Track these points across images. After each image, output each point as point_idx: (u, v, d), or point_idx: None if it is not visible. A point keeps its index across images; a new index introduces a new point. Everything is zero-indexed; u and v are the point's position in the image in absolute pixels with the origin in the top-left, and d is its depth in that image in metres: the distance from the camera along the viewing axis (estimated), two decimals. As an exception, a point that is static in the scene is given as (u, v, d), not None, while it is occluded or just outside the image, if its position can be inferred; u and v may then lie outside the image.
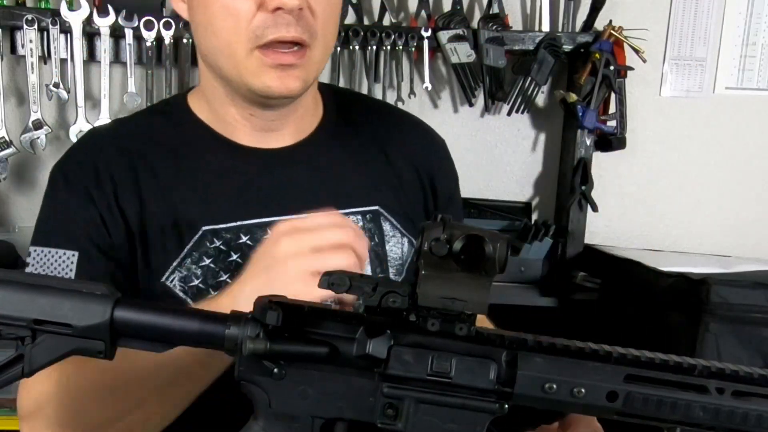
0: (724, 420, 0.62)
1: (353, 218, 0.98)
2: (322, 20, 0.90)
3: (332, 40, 0.96)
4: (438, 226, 0.59)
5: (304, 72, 0.91)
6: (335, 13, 0.94)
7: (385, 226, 1.01)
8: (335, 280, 0.61)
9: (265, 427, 0.63)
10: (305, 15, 0.89)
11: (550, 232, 2.08)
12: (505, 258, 0.59)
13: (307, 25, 0.89)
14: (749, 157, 2.29)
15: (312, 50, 0.90)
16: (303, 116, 1.01)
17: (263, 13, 0.87)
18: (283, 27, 0.87)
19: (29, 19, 1.80)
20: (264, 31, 0.88)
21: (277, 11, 0.87)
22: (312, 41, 0.90)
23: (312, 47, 0.90)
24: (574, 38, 2.08)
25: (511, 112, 2.10)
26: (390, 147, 1.04)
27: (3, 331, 0.61)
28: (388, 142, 1.05)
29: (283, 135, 0.99)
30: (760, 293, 1.63)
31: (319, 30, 0.90)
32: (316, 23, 0.90)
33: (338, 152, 1.02)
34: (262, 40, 0.88)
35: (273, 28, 0.87)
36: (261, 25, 0.87)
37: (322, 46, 0.92)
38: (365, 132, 1.05)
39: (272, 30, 0.87)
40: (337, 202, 0.96)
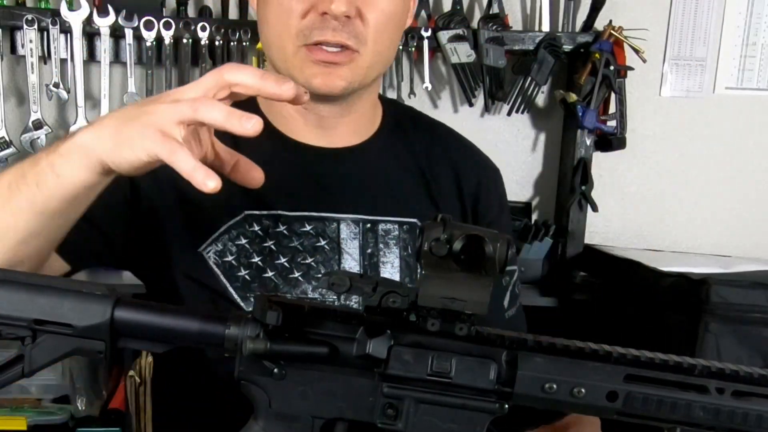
0: (724, 420, 0.62)
1: (389, 226, 0.99)
2: (374, 28, 0.93)
3: (387, 50, 0.98)
4: (438, 226, 0.59)
5: (348, 73, 0.93)
6: (391, 24, 0.96)
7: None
8: (335, 280, 0.61)
9: (265, 427, 0.63)
10: (354, 22, 0.92)
11: (550, 232, 2.08)
12: (505, 258, 0.59)
13: (354, 31, 0.92)
14: (749, 157, 2.29)
15: (360, 54, 0.93)
16: (358, 120, 1.03)
17: (313, 14, 0.91)
18: (328, 31, 0.91)
19: (29, 19, 1.80)
20: (311, 32, 0.91)
21: (325, 15, 0.90)
22: (360, 47, 0.92)
23: (360, 52, 0.93)
24: (574, 38, 2.08)
25: (511, 112, 2.10)
26: (436, 164, 1.06)
27: (3, 331, 0.62)
28: (437, 160, 1.07)
29: (338, 135, 1.01)
30: (760, 293, 1.63)
31: (370, 38, 0.93)
32: (366, 31, 0.92)
33: (386, 161, 1.04)
34: (308, 40, 0.92)
35: (319, 30, 0.91)
36: (309, 26, 0.91)
37: (373, 52, 0.94)
38: (416, 147, 1.07)
39: (318, 32, 0.91)
40: (376, 207, 0.99)
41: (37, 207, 0.74)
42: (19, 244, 0.76)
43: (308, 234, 0.96)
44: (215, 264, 0.95)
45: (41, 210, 0.74)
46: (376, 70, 0.98)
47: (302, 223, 0.96)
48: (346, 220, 0.98)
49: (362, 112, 1.02)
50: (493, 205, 1.09)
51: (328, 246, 0.97)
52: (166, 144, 0.67)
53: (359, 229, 0.98)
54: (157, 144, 0.67)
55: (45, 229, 0.76)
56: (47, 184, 0.73)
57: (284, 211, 0.96)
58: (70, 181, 0.72)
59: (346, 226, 0.98)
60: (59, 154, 0.73)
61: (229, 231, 0.95)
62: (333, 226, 0.97)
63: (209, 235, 0.95)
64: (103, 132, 0.71)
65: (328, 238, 0.97)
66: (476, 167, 1.10)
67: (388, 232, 0.99)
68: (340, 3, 0.89)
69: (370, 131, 1.04)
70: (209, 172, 0.66)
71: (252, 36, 1.92)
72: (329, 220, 0.97)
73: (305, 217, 0.97)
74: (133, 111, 0.71)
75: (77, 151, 0.72)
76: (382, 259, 0.98)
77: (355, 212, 0.98)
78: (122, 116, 0.72)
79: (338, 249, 0.97)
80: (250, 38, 1.92)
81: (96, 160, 0.71)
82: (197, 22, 1.89)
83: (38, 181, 0.74)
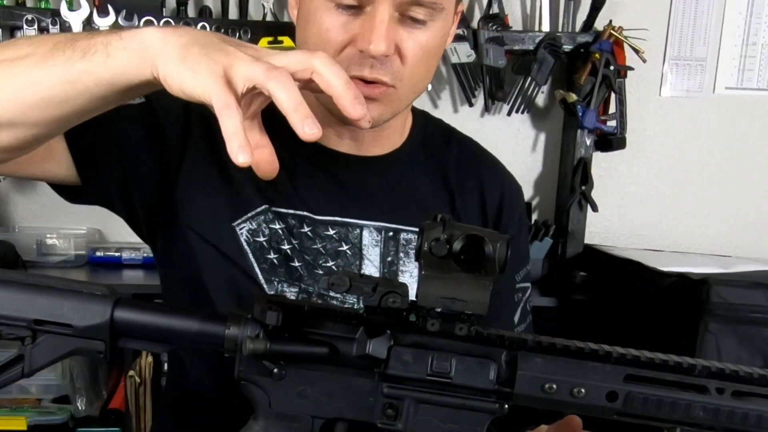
0: (724, 420, 0.62)
1: (411, 236, 0.99)
2: (412, 66, 0.90)
3: (421, 83, 0.96)
4: (438, 226, 0.59)
5: (382, 107, 0.91)
6: (430, 59, 0.94)
7: None
8: (335, 280, 0.61)
9: (265, 427, 0.63)
10: (392, 60, 0.89)
11: (550, 232, 2.08)
12: (505, 258, 0.59)
13: (392, 69, 0.89)
14: (749, 157, 2.29)
15: (396, 90, 0.91)
16: (389, 132, 1.02)
17: (351, 48, 0.88)
18: (366, 68, 0.88)
19: (29, 19, 1.80)
20: (348, 66, 0.88)
21: (363, 52, 0.88)
22: (397, 83, 0.90)
23: (397, 88, 0.91)
24: (574, 38, 2.08)
25: (511, 112, 2.10)
26: (463, 177, 1.06)
27: (3, 331, 0.62)
28: (463, 175, 1.06)
29: (365, 145, 1.01)
30: (759, 293, 1.63)
31: (407, 74, 0.91)
32: (404, 68, 0.90)
33: (412, 172, 1.04)
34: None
35: (357, 66, 0.88)
36: (346, 59, 0.88)
37: (408, 88, 0.92)
38: (443, 161, 1.06)
39: (355, 68, 0.88)
40: (399, 217, 0.99)
41: (72, 75, 0.70)
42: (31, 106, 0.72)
43: (331, 238, 0.97)
44: (246, 241, 0.94)
45: (74, 79, 0.70)
46: (409, 100, 0.97)
47: (326, 227, 0.97)
48: (369, 227, 0.98)
49: (392, 129, 1.02)
50: (513, 223, 1.09)
51: (350, 251, 0.97)
52: (224, 94, 0.63)
53: (381, 237, 0.98)
54: (215, 88, 0.64)
55: (66, 102, 0.72)
56: (93, 58, 0.69)
57: (310, 213, 0.96)
58: (118, 65, 0.69)
59: (368, 233, 0.98)
60: (120, 38, 0.69)
61: (266, 212, 0.95)
62: (356, 231, 0.98)
63: (246, 212, 0.95)
64: (173, 41, 0.68)
65: (350, 243, 0.97)
66: (501, 185, 1.10)
67: (410, 241, 0.99)
68: (379, 43, 0.86)
69: (398, 142, 1.04)
70: (246, 146, 0.63)
71: (252, 36, 1.92)
72: (352, 226, 0.98)
73: (329, 222, 0.97)
74: (209, 39, 0.68)
75: (139, 44, 0.68)
76: (401, 268, 0.99)
77: (379, 220, 0.98)
78: (197, 38, 0.68)
79: (360, 255, 0.97)
80: (250, 38, 1.92)
81: (152, 62, 0.67)
82: (197, 22, 1.89)
83: (86, 52, 0.70)
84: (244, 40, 1.91)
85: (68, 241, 2.04)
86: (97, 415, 1.94)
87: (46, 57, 0.71)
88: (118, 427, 1.91)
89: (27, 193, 2.06)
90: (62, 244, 2.04)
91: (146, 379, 1.86)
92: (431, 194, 1.04)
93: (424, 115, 1.13)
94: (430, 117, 1.14)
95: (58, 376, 1.90)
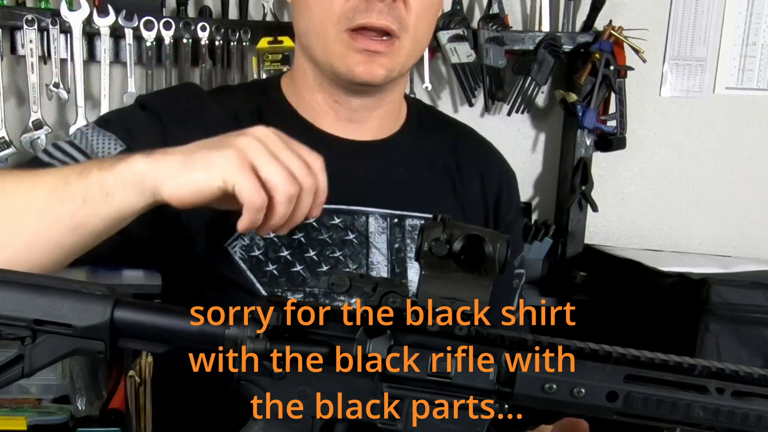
0: (724, 420, 0.61)
1: (416, 222, 0.99)
2: (416, 15, 0.92)
3: (424, 38, 0.97)
4: (438, 226, 0.59)
5: (389, 61, 0.92)
6: (430, 12, 0.96)
7: None
8: (335, 280, 0.61)
9: (265, 427, 0.63)
10: (398, 6, 0.91)
11: (550, 232, 2.08)
12: (505, 258, 0.59)
13: (398, 16, 0.91)
14: (749, 157, 2.29)
15: (401, 41, 0.92)
16: (386, 115, 1.02)
17: None
18: (374, 13, 0.89)
19: (29, 19, 1.80)
20: (355, 14, 0.90)
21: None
22: (402, 33, 0.92)
23: (401, 39, 0.92)
24: (574, 38, 2.08)
25: (511, 112, 2.11)
26: (464, 161, 1.06)
27: (3, 331, 0.61)
28: (462, 158, 1.06)
29: (365, 129, 1.01)
30: (759, 293, 1.63)
31: (411, 24, 0.92)
32: (408, 16, 0.92)
33: (413, 157, 1.03)
34: (351, 24, 0.90)
35: (364, 12, 0.89)
36: (353, 9, 0.90)
37: (412, 40, 0.94)
38: (442, 145, 1.06)
39: (363, 15, 0.90)
40: (403, 202, 0.99)
41: (76, 221, 0.72)
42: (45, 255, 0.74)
43: (337, 227, 0.96)
44: (241, 259, 0.94)
45: (80, 224, 0.72)
46: (413, 58, 0.98)
47: (331, 216, 0.96)
48: (375, 214, 0.98)
49: (391, 106, 1.02)
50: (511, 209, 1.09)
51: (356, 240, 0.96)
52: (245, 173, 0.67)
53: (387, 224, 0.98)
54: (235, 169, 0.67)
55: (76, 245, 0.74)
56: (93, 202, 0.71)
57: None
58: (119, 204, 0.71)
59: (374, 220, 0.98)
60: (112, 172, 0.71)
61: None
62: (362, 219, 0.97)
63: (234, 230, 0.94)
64: (167, 159, 0.70)
65: (356, 231, 0.97)
66: (499, 170, 1.10)
67: (415, 227, 0.99)
68: None
69: (396, 126, 1.04)
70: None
71: (252, 36, 1.92)
72: (358, 214, 0.97)
73: (334, 210, 0.96)
74: (208, 140, 0.72)
75: (134, 176, 0.70)
76: (408, 255, 0.98)
77: (384, 206, 0.98)
78: (195, 145, 0.72)
79: (366, 243, 0.97)
80: (250, 38, 1.92)
81: (152, 189, 0.70)
82: (197, 22, 1.89)
83: (85, 197, 0.71)
84: (244, 39, 1.92)
85: (68, 241, 2.03)
86: (97, 415, 1.94)
87: (48, 209, 0.72)
88: (118, 427, 1.91)
89: (27, 193, 2.06)
90: (62, 244, 2.03)
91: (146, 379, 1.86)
92: (434, 179, 1.03)
93: (416, 100, 1.14)
94: (424, 104, 1.15)
95: (58, 376, 1.90)
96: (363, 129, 1.01)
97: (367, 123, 1.01)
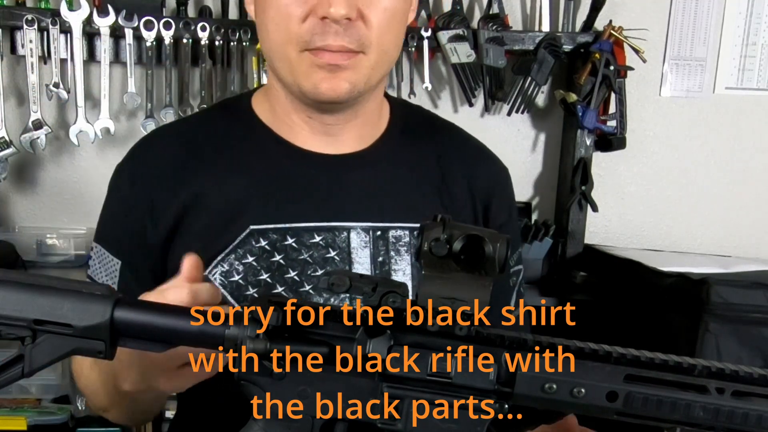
0: (724, 420, 0.62)
1: (400, 233, 0.97)
2: (378, 30, 0.90)
3: (392, 48, 0.95)
4: (438, 226, 0.59)
5: (353, 75, 0.90)
6: (395, 21, 0.93)
7: None
8: (335, 280, 0.61)
9: (265, 427, 0.63)
10: (356, 25, 0.88)
11: (550, 232, 2.08)
12: (505, 258, 0.59)
13: (357, 34, 0.89)
14: (749, 157, 2.29)
15: (366, 55, 0.90)
16: (364, 124, 1.00)
17: (313, 18, 0.88)
18: (330, 36, 0.88)
19: (29, 19, 1.80)
20: (312, 37, 0.88)
21: (325, 19, 0.87)
22: (365, 49, 0.90)
23: (366, 53, 0.90)
24: (574, 38, 2.07)
25: (511, 112, 2.10)
26: (449, 167, 1.04)
27: (3, 331, 0.61)
28: (448, 162, 1.04)
29: (343, 141, 0.99)
30: (760, 293, 1.63)
31: (374, 39, 0.90)
32: (370, 33, 0.89)
33: (395, 166, 1.01)
34: (310, 46, 0.89)
35: (320, 35, 0.88)
36: (310, 31, 0.88)
37: (377, 53, 0.91)
38: (427, 149, 1.04)
39: (319, 38, 0.88)
40: (385, 214, 0.97)
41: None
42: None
43: (318, 245, 0.95)
44: (221, 285, 0.93)
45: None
46: (382, 70, 0.95)
47: (311, 234, 0.95)
48: (356, 228, 0.96)
49: (368, 116, 1.00)
50: (504, 209, 1.07)
51: (338, 257, 0.95)
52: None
53: (369, 237, 0.97)
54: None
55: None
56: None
57: (292, 223, 0.94)
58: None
59: (356, 235, 0.96)
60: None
61: (235, 250, 0.93)
62: (343, 235, 0.95)
63: (214, 257, 0.93)
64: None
65: (338, 248, 0.95)
66: (489, 171, 1.08)
67: (399, 239, 0.97)
68: (339, 6, 0.86)
69: (375, 135, 1.02)
70: None
71: (252, 36, 1.92)
72: (339, 230, 0.95)
73: (315, 228, 0.95)
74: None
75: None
76: (393, 267, 0.97)
77: (365, 220, 0.96)
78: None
79: (349, 259, 0.95)
80: (250, 38, 1.92)
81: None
82: (197, 22, 1.89)
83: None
84: (244, 39, 1.92)
85: (68, 241, 2.03)
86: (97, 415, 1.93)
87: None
88: (118, 427, 1.91)
89: (27, 193, 2.06)
90: (62, 244, 2.03)
91: (146, 379, 1.85)
92: (417, 187, 1.01)
93: (403, 104, 1.11)
94: (411, 105, 1.12)
95: (58, 376, 1.90)
96: (340, 142, 0.99)
97: (344, 135, 0.99)
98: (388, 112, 1.05)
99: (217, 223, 0.94)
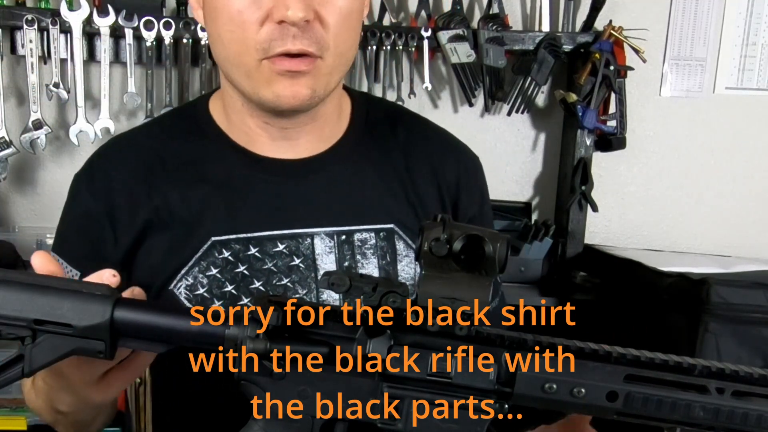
0: (724, 420, 0.62)
1: (366, 235, 0.96)
2: (335, 32, 0.88)
3: (349, 49, 0.93)
4: (438, 226, 0.59)
5: (312, 80, 0.88)
6: (352, 24, 0.91)
7: (399, 245, 0.98)
8: (335, 280, 0.61)
9: (265, 427, 0.63)
10: (314, 27, 0.87)
11: (550, 232, 2.07)
12: (505, 258, 0.59)
13: (315, 37, 0.87)
14: (749, 157, 2.29)
15: (324, 60, 0.88)
16: (323, 126, 0.98)
17: (270, 24, 0.86)
18: (288, 39, 0.85)
19: (29, 19, 1.80)
20: (270, 43, 0.86)
21: (283, 23, 0.85)
22: (323, 53, 0.88)
23: (324, 57, 0.88)
24: (574, 38, 2.08)
25: (511, 112, 2.10)
26: (413, 162, 1.01)
27: (3, 331, 0.62)
28: (413, 156, 1.02)
29: (302, 145, 0.97)
30: (760, 293, 1.63)
31: (331, 41, 0.88)
32: (327, 34, 0.88)
33: (358, 166, 0.99)
34: (269, 53, 0.87)
35: (279, 40, 0.86)
36: (267, 38, 0.86)
37: (334, 55, 0.89)
38: (390, 145, 1.02)
39: (278, 42, 0.86)
40: (351, 218, 0.95)
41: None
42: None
43: (282, 254, 0.93)
44: (186, 299, 0.92)
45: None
46: (340, 73, 0.93)
47: (275, 242, 0.93)
48: (320, 233, 0.94)
49: (326, 117, 0.98)
50: (474, 201, 1.05)
51: (303, 264, 0.93)
52: None
53: (334, 242, 0.95)
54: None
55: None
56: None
57: (254, 233, 0.93)
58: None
59: (320, 241, 0.94)
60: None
61: (198, 263, 0.92)
62: (307, 242, 0.94)
63: (177, 272, 0.92)
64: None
65: (302, 255, 0.93)
66: (456, 162, 1.04)
67: (365, 241, 0.95)
68: (297, 8, 0.83)
69: (337, 134, 1.00)
70: None
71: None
72: (302, 237, 0.94)
73: (278, 236, 0.93)
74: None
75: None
76: (360, 271, 0.95)
77: (329, 224, 0.94)
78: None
79: (314, 266, 0.94)
80: (250, 38, 1.92)
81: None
82: (197, 22, 1.89)
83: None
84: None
85: (68, 241, 2.03)
86: (97, 415, 1.94)
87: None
88: (118, 427, 1.91)
89: (27, 193, 2.06)
90: (62, 244, 2.03)
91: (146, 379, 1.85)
92: (382, 185, 0.99)
93: (365, 97, 1.09)
94: (372, 98, 1.09)
95: (58, 376, 1.90)
96: (299, 146, 0.97)
97: (302, 139, 0.97)
98: (348, 108, 1.03)
99: (179, 236, 0.93)
